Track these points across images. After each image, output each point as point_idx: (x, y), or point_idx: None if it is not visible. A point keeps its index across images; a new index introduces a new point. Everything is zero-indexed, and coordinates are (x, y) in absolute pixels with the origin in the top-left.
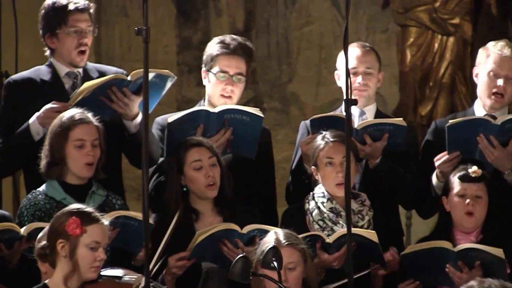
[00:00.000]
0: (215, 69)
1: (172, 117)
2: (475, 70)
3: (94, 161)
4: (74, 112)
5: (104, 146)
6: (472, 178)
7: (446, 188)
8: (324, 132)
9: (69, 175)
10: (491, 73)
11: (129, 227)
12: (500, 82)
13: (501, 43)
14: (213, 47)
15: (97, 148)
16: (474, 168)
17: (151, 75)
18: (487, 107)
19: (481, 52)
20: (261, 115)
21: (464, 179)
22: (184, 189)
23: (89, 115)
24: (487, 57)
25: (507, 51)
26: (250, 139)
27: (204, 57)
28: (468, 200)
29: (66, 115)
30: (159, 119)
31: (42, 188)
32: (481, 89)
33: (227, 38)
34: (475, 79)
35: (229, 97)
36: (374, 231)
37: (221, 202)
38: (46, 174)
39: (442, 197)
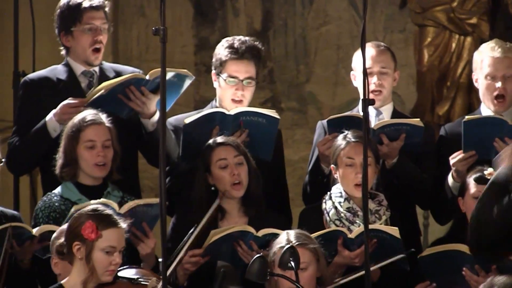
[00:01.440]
0: (225, 74)
1: (187, 119)
2: (474, 76)
3: (105, 162)
4: (87, 113)
5: (117, 147)
6: (488, 180)
7: (462, 189)
8: (346, 132)
9: (82, 176)
10: (488, 76)
11: (145, 214)
12: (498, 84)
13: (491, 45)
14: (221, 51)
15: (109, 149)
16: (490, 170)
17: (169, 74)
18: (493, 112)
19: (475, 57)
20: (277, 116)
21: (480, 181)
22: (213, 188)
23: (103, 116)
24: (482, 61)
25: (498, 52)
26: (266, 141)
27: (214, 59)
28: None
29: (78, 117)
30: (172, 119)
31: (58, 190)
32: (483, 93)
33: (236, 41)
34: (475, 84)
35: (240, 101)
36: (396, 227)
37: (248, 202)
38: (61, 175)
39: (458, 198)
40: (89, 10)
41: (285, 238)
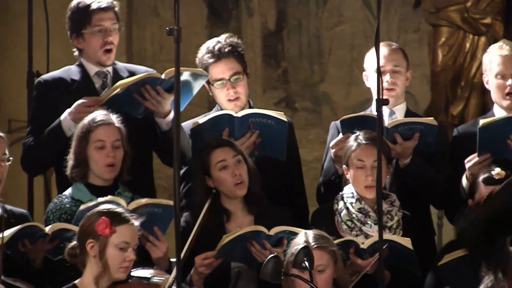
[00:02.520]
0: (212, 80)
1: (197, 121)
2: (485, 78)
3: (115, 162)
4: (97, 114)
5: (127, 147)
6: (496, 180)
7: (472, 190)
8: (357, 132)
9: (92, 176)
10: (498, 75)
11: (154, 215)
12: (509, 82)
13: (499, 44)
14: (202, 59)
15: (118, 149)
16: (498, 170)
17: (185, 74)
18: (506, 109)
19: (485, 58)
20: (285, 119)
21: (488, 181)
22: (214, 190)
23: (113, 117)
24: (491, 62)
25: (507, 50)
26: (278, 141)
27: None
28: None
29: (88, 117)
30: (184, 124)
31: (68, 191)
32: (494, 93)
33: (211, 43)
34: (486, 86)
35: (237, 98)
36: (408, 238)
37: (250, 200)
38: (71, 176)
39: (468, 199)
40: (98, 12)
41: (303, 239)
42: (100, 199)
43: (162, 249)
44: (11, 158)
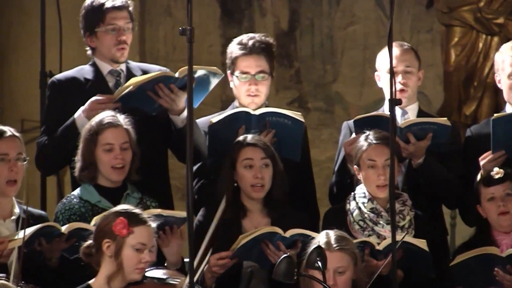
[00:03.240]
0: (237, 72)
1: (213, 118)
2: (497, 77)
3: (124, 164)
4: (104, 115)
5: (135, 148)
6: (496, 179)
7: (476, 197)
8: (367, 132)
9: (101, 178)
10: (511, 76)
11: (168, 223)
12: None
13: (510, 44)
14: (232, 50)
15: (127, 151)
16: (496, 169)
17: (199, 72)
18: None
19: (497, 58)
20: (302, 119)
21: (489, 183)
22: (235, 184)
23: (120, 118)
24: (503, 62)
25: None
26: (293, 142)
27: (227, 60)
28: (499, 203)
29: (96, 119)
30: (199, 121)
31: (77, 191)
32: (507, 93)
33: (245, 37)
34: (498, 85)
35: (256, 95)
36: (424, 240)
37: (270, 204)
38: (80, 178)
39: (476, 206)
40: (112, 11)
41: (325, 240)
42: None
43: (179, 242)
44: (27, 158)
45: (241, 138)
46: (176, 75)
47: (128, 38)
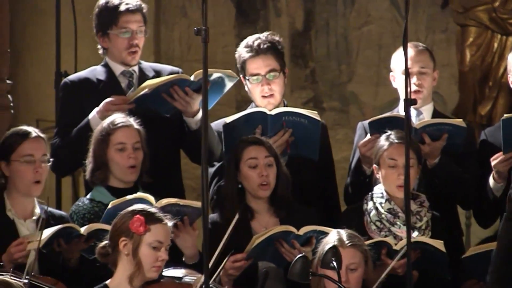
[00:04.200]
0: (248, 74)
1: (228, 118)
2: (510, 78)
3: (136, 164)
4: (115, 117)
5: (146, 149)
6: None
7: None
8: (389, 132)
9: (112, 179)
10: None
11: (183, 214)
12: None
13: None
14: (240, 53)
15: (139, 151)
16: None
17: (215, 75)
18: None
19: (509, 58)
20: (319, 118)
21: None
22: (240, 185)
23: (131, 119)
24: None
25: None
26: (311, 141)
27: (237, 65)
28: None
29: (107, 120)
30: (213, 124)
31: (89, 195)
32: None
33: (250, 39)
34: (511, 85)
35: (271, 95)
36: (441, 241)
37: (276, 203)
38: (91, 180)
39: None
40: (125, 14)
41: (336, 237)
42: (128, 197)
43: (192, 234)
44: (51, 159)
45: (244, 137)
46: (192, 78)
47: (140, 42)
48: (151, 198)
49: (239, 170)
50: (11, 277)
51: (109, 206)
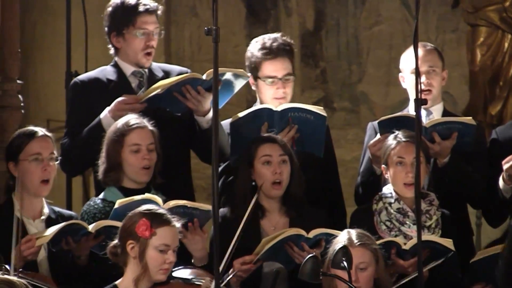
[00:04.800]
0: (263, 76)
1: (234, 116)
2: None
3: (150, 165)
4: (129, 117)
5: (160, 150)
6: None
7: None
8: (396, 132)
9: (125, 180)
10: None
11: (190, 215)
12: None
13: None
14: (255, 53)
15: (153, 152)
16: None
17: (226, 75)
18: None
19: None
20: (324, 114)
21: None
22: (253, 183)
23: (145, 120)
24: None
25: None
26: (316, 137)
27: (248, 62)
28: None
29: (121, 121)
30: (223, 123)
31: (101, 195)
32: None
33: (266, 40)
34: None
35: (283, 98)
36: (451, 240)
37: (288, 202)
38: (104, 180)
39: None
40: (144, 14)
41: (346, 237)
42: (136, 197)
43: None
44: (59, 158)
45: (257, 136)
46: (204, 77)
47: (155, 42)
48: (158, 199)
49: (253, 168)
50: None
51: (116, 205)
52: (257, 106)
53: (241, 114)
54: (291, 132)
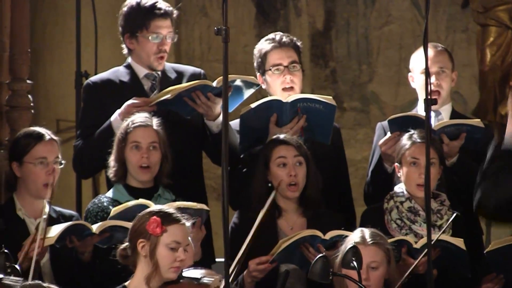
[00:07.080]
0: (269, 66)
1: (245, 107)
2: None
3: (149, 164)
4: (136, 116)
5: (166, 150)
6: None
7: None
8: (412, 131)
9: (130, 178)
10: None
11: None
12: None
13: None
14: (261, 47)
15: (154, 151)
16: None
17: (237, 82)
18: None
19: None
20: (334, 103)
21: None
22: (269, 184)
23: (153, 119)
24: None
25: None
26: (325, 126)
27: (256, 62)
28: None
29: (129, 119)
30: (232, 123)
31: (109, 192)
32: None
33: (271, 34)
34: None
35: (291, 88)
36: (461, 239)
37: (305, 203)
38: (112, 178)
39: None
40: (158, 18)
41: (359, 235)
42: (130, 203)
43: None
44: (63, 162)
45: (274, 137)
46: (214, 84)
47: (168, 46)
48: (152, 204)
49: (269, 169)
50: None
51: (111, 214)
52: (266, 98)
53: (252, 105)
54: (300, 122)
